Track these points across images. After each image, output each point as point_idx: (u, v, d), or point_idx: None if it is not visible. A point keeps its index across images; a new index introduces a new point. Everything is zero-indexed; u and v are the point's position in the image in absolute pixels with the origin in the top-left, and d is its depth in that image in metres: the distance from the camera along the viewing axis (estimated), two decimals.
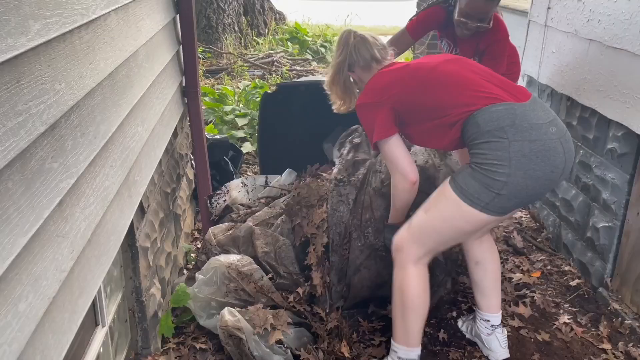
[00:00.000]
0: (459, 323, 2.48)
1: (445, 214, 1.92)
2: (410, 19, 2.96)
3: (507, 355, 2.28)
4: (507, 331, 2.45)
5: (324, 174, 2.84)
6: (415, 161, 2.32)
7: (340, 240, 2.40)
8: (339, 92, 2.22)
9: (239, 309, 2.26)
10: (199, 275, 2.41)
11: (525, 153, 1.79)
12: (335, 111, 2.28)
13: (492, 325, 2.26)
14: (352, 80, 2.22)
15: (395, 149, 1.99)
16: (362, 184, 2.46)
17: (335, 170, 2.56)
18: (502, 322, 2.47)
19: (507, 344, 2.29)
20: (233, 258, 2.42)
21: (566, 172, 1.90)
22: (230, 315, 2.20)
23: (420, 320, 2.04)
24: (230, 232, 2.71)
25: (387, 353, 2.19)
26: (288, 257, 2.52)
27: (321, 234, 2.44)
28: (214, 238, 2.69)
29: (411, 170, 2.00)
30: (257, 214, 2.78)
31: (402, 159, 2.00)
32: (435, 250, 2.05)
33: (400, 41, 2.94)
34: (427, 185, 2.29)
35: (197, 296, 2.36)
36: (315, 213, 2.50)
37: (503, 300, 2.67)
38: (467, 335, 2.41)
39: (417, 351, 2.06)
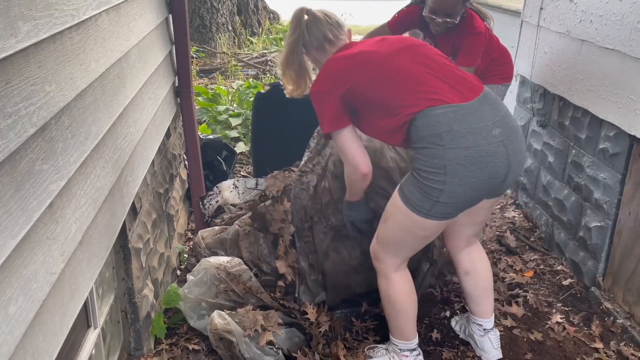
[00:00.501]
0: (453, 323, 2.49)
1: (400, 223, 1.91)
2: (393, 16, 3.05)
3: (500, 355, 2.29)
4: (500, 331, 2.46)
5: (293, 168, 2.84)
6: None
7: (302, 225, 2.42)
8: (292, 75, 2.09)
9: (228, 311, 2.25)
10: (189, 276, 2.41)
11: (459, 161, 1.73)
12: (287, 96, 2.17)
13: (484, 329, 2.28)
14: (307, 62, 2.10)
15: (346, 141, 1.93)
16: (324, 171, 2.47)
17: (302, 162, 2.58)
18: (495, 322, 2.48)
19: (499, 345, 2.30)
20: (223, 259, 2.42)
21: (514, 171, 1.85)
22: (219, 319, 2.19)
23: (412, 317, 2.10)
24: (218, 235, 2.72)
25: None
26: (268, 253, 2.53)
27: (287, 225, 2.47)
28: (203, 241, 2.70)
29: (362, 162, 1.95)
30: (243, 217, 2.78)
31: (353, 152, 1.94)
32: (408, 255, 2.05)
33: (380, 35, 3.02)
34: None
35: (187, 297, 2.36)
36: (279, 206, 2.53)
37: (496, 300, 2.68)
38: (461, 335, 2.42)
39: (415, 340, 2.14)
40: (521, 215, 3.54)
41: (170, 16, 2.99)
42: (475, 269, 2.22)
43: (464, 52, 2.83)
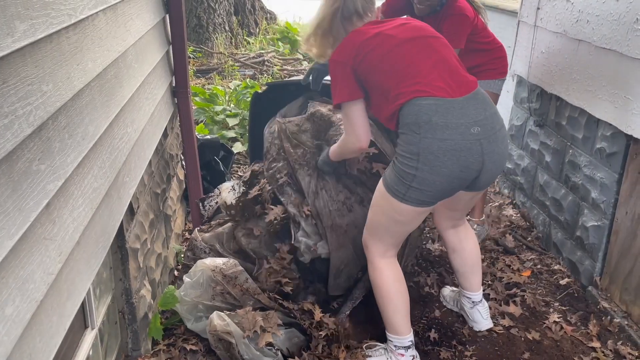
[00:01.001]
0: (447, 298, 2.63)
1: (381, 206, 2.04)
2: (382, 4, 3.07)
3: (490, 325, 2.47)
4: (498, 330, 2.47)
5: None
6: None
7: (284, 178, 2.51)
8: (320, 40, 2.15)
9: (227, 312, 2.25)
10: (185, 278, 2.40)
11: (432, 150, 1.84)
12: (313, 56, 2.26)
13: (473, 302, 2.45)
14: (338, 30, 2.14)
15: (355, 113, 2.03)
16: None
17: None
18: (492, 321, 2.49)
19: (488, 315, 2.47)
20: (219, 261, 2.42)
21: (490, 170, 1.94)
22: (219, 320, 2.19)
23: (402, 309, 2.14)
24: (214, 230, 2.73)
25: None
26: (271, 238, 2.54)
27: (265, 193, 2.57)
28: (199, 235, 2.70)
29: (365, 137, 2.07)
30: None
31: (360, 125, 2.05)
32: (393, 243, 2.13)
33: None
34: None
35: (183, 300, 2.35)
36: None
37: (494, 299, 2.69)
38: (452, 307, 2.60)
39: (409, 337, 2.17)
40: (518, 215, 3.55)
41: (167, 16, 2.98)
42: (462, 247, 2.38)
43: (447, 33, 2.77)
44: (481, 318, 2.45)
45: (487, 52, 3.02)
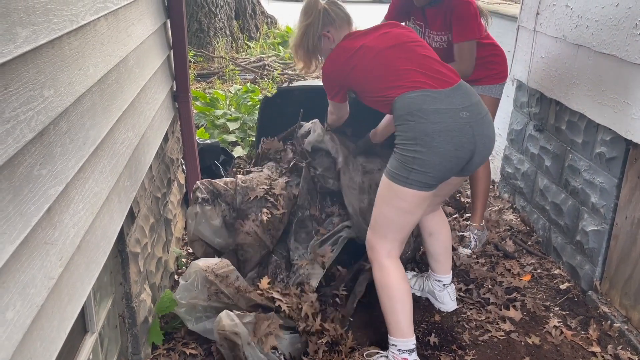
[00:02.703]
0: (411, 282, 2.70)
1: (385, 198, 2.11)
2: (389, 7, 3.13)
3: (456, 306, 2.64)
4: (499, 335, 2.47)
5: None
6: None
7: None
8: (302, 55, 2.40)
9: (237, 312, 2.25)
10: (181, 281, 2.40)
11: (427, 132, 1.98)
12: (298, 71, 2.56)
13: (444, 285, 2.60)
14: (320, 42, 2.35)
15: (339, 110, 2.51)
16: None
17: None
18: (493, 326, 2.49)
19: (455, 297, 2.64)
20: (211, 262, 2.42)
21: (481, 152, 2.09)
22: (228, 319, 2.19)
23: (408, 309, 2.17)
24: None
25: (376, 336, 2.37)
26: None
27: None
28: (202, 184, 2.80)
29: (345, 117, 2.60)
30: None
31: (344, 111, 2.55)
32: (398, 239, 2.17)
33: None
34: None
35: (180, 302, 2.35)
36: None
37: (493, 303, 2.69)
38: (419, 294, 2.68)
39: (413, 340, 2.18)
40: (518, 219, 3.55)
41: (168, 21, 3.00)
42: (438, 231, 2.52)
43: (457, 23, 2.78)
44: (450, 300, 2.61)
45: (489, 54, 3.02)
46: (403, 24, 2.63)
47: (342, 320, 2.46)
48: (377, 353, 2.28)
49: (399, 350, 2.16)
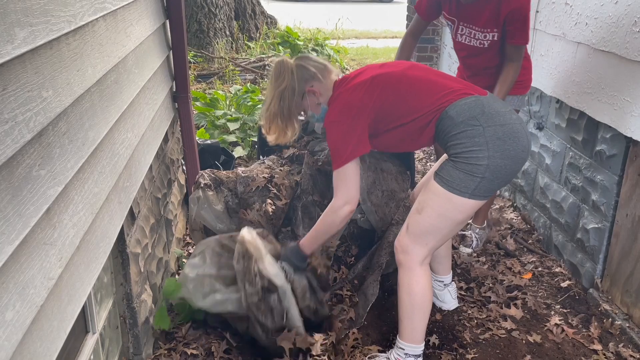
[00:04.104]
0: None
1: (439, 209, 1.99)
2: (419, 6, 2.84)
3: (457, 304, 2.65)
4: (500, 333, 2.47)
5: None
6: None
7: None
8: (279, 123, 2.18)
9: (257, 229, 2.33)
10: (189, 261, 2.40)
11: (499, 136, 1.92)
12: (271, 144, 2.28)
13: (444, 284, 2.60)
14: (305, 100, 2.18)
15: (352, 172, 2.02)
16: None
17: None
18: (494, 324, 2.49)
19: (456, 296, 2.66)
20: (220, 235, 2.47)
21: (529, 152, 2.09)
22: (248, 234, 2.26)
23: (427, 317, 2.14)
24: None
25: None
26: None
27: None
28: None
29: (356, 198, 2.07)
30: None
31: (356, 184, 2.04)
32: (436, 247, 2.11)
33: (415, 27, 2.91)
34: None
35: (188, 277, 2.33)
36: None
37: (494, 302, 2.69)
38: None
39: (422, 346, 2.17)
40: (519, 218, 3.55)
41: (168, 21, 3.00)
42: None
43: (516, 24, 2.50)
44: (450, 298, 2.63)
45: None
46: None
47: (350, 321, 2.46)
48: (378, 356, 2.26)
49: (406, 354, 2.14)
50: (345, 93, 2.06)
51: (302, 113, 2.25)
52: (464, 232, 3.24)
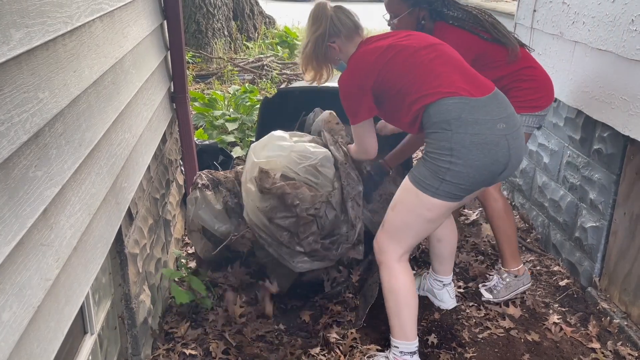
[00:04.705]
0: None
1: (409, 205, 2.05)
2: None
3: (455, 304, 2.65)
4: (498, 332, 2.47)
5: None
6: None
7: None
8: (315, 65, 2.27)
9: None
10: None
11: (465, 144, 1.91)
12: (309, 83, 2.36)
13: (444, 284, 2.61)
14: (331, 52, 2.22)
15: (366, 131, 2.22)
16: None
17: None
18: (492, 323, 2.49)
19: (454, 295, 2.65)
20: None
21: (513, 165, 2.01)
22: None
23: (414, 313, 2.14)
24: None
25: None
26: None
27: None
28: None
29: (373, 152, 2.29)
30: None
31: (370, 141, 2.26)
32: (412, 244, 2.14)
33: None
34: None
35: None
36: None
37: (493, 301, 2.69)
38: (418, 292, 2.64)
39: (416, 342, 2.17)
40: (517, 217, 3.55)
41: (165, 22, 3.00)
42: (447, 237, 2.51)
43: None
44: (449, 297, 2.63)
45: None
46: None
47: (350, 323, 2.46)
48: (376, 355, 2.27)
49: (400, 352, 2.15)
50: (363, 54, 2.12)
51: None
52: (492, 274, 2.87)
